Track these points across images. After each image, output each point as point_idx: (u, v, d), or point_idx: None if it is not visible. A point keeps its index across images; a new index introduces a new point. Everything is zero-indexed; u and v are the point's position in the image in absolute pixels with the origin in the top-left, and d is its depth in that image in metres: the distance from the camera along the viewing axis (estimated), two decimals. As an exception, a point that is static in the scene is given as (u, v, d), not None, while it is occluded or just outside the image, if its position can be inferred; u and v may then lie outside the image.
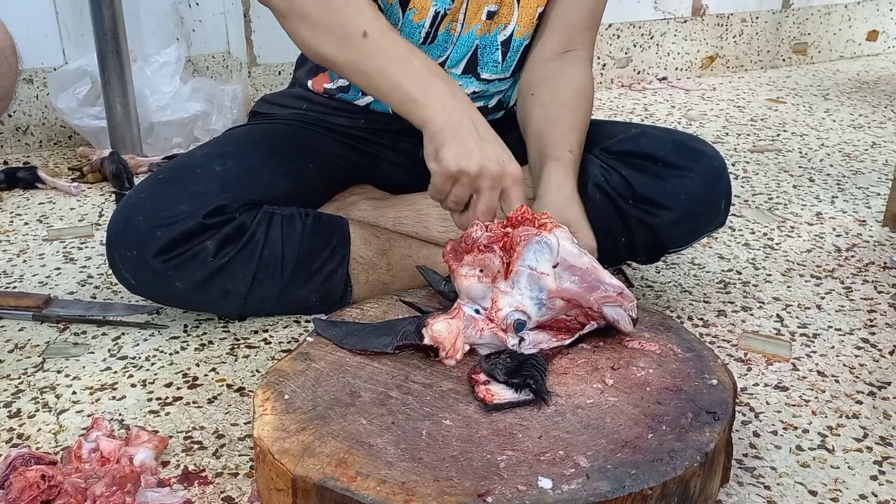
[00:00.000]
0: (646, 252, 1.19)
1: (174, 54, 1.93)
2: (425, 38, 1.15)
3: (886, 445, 0.96)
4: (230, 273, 1.10)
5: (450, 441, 0.77)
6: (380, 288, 1.18)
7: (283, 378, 0.87)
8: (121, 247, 1.08)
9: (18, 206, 1.66)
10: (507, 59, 1.20)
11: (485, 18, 1.15)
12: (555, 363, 0.89)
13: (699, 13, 2.66)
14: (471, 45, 1.17)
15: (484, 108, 1.23)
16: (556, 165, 1.05)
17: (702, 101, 2.44)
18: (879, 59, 2.96)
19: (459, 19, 1.14)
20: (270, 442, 0.76)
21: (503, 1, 1.15)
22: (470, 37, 1.16)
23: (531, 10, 1.17)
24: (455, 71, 1.19)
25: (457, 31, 1.15)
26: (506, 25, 1.17)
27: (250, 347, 1.15)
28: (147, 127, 1.90)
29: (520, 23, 1.17)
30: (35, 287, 1.32)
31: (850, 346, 1.16)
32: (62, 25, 1.92)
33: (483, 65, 1.19)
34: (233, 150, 1.18)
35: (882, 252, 1.46)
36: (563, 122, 1.10)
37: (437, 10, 1.12)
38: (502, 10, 1.16)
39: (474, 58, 1.18)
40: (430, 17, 1.13)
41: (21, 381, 1.07)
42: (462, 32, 1.15)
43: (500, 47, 1.18)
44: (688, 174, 1.13)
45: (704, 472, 0.76)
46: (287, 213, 1.15)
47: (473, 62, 1.19)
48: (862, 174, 1.84)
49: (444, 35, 1.15)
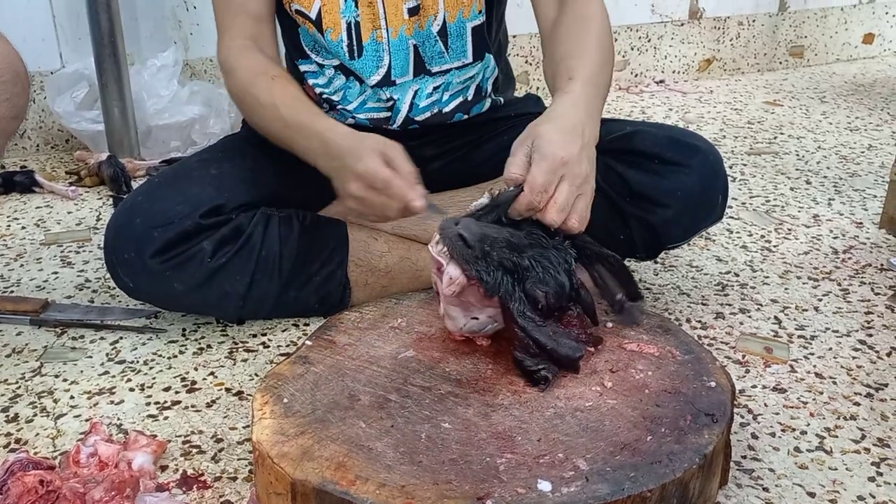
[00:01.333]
0: (644, 248, 1.19)
1: (172, 58, 1.93)
2: (351, 52, 1.15)
3: (884, 447, 0.96)
4: (228, 274, 1.10)
5: (449, 444, 0.77)
6: (378, 290, 1.18)
7: (281, 382, 0.87)
8: (119, 249, 1.08)
9: (16, 210, 1.66)
10: (453, 46, 1.17)
11: (407, 17, 1.14)
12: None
13: (696, 16, 2.66)
14: (406, 47, 1.16)
15: (464, 101, 1.22)
16: (556, 98, 1.01)
17: (699, 103, 2.44)
18: (875, 62, 2.97)
19: (382, 25, 1.14)
20: (269, 446, 0.76)
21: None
22: (401, 40, 1.15)
23: None
24: (406, 78, 1.17)
25: (384, 37, 1.14)
26: (436, 16, 1.15)
27: (249, 351, 1.15)
28: (144, 130, 1.90)
29: (448, 7, 1.15)
30: (33, 291, 1.32)
31: (847, 347, 1.17)
32: (59, 29, 1.92)
33: (429, 60, 1.17)
34: (229, 155, 1.19)
35: (879, 254, 1.46)
36: (562, 58, 1.06)
37: (348, 20, 1.13)
38: (426, 3, 1.14)
39: (418, 57, 1.17)
40: (345, 29, 1.13)
41: (19, 385, 1.07)
42: (391, 37, 1.14)
43: (438, 38, 1.16)
44: (684, 170, 1.13)
45: (703, 474, 0.76)
46: (285, 214, 1.15)
47: (420, 62, 1.17)
48: (858, 176, 1.85)
49: (373, 45, 1.14)
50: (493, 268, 0.85)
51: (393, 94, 1.17)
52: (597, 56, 1.05)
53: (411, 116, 1.19)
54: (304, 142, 1.06)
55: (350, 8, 1.13)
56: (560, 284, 0.87)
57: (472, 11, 1.16)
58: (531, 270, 0.86)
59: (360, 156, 0.98)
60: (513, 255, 0.86)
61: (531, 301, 0.85)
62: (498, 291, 0.85)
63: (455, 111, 1.21)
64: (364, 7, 1.13)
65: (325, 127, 1.05)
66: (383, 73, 1.16)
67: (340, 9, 1.13)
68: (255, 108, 1.11)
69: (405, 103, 1.18)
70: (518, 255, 0.86)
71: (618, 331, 0.96)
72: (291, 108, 1.08)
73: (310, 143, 1.05)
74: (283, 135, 1.09)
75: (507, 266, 0.85)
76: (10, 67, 0.96)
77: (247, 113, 1.16)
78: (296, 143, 1.08)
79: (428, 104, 1.19)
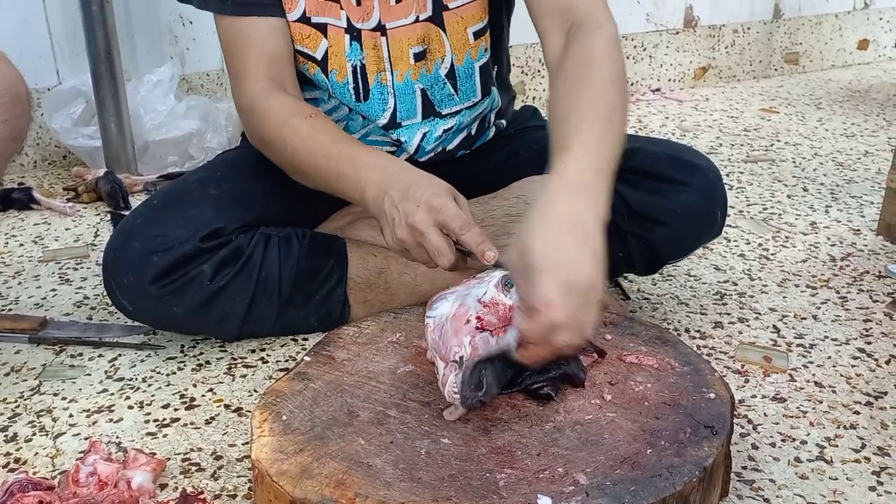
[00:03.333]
0: (643, 265, 1.19)
1: (168, 73, 1.93)
2: (357, 95, 1.14)
3: (884, 455, 0.96)
4: (228, 296, 1.10)
5: (448, 460, 0.77)
6: (378, 307, 1.18)
7: (280, 398, 0.86)
8: (117, 273, 1.08)
9: (13, 228, 1.66)
10: (462, 87, 1.18)
11: (413, 62, 1.13)
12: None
13: (691, 24, 2.67)
14: (412, 91, 1.15)
15: (468, 136, 1.23)
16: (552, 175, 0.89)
17: (695, 111, 2.45)
18: (870, 68, 2.97)
19: (386, 68, 1.13)
20: (269, 464, 0.76)
21: (428, 38, 1.13)
22: (407, 84, 1.15)
23: (461, 34, 1.14)
24: (415, 120, 1.17)
25: (388, 80, 1.14)
26: (443, 58, 1.15)
27: (248, 367, 1.15)
28: (142, 146, 1.90)
29: (455, 51, 1.14)
30: (31, 309, 1.32)
31: (846, 356, 1.17)
32: (56, 46, 1.93)
33: (439, 103, 1.17)
34: (227, 174, 1.19)
35: (877, 261, 1.46)
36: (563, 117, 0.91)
37: (353, 63, 1.13)
38: (432, 47, 1.13)
39: (427, 101, 1.17)
40: (350, 72, 1.13)
41: (17, 404, 1.07)
42: (396, 80, 1.14)
43: (447, 81, 1.16)
44: (683, 188, 1.13)
45: (703, 486, 0.76)
46: (284, 234, 1.15)
47: (429, 105, 1.17)
48: (855, 183, 1.85)
49: (378, 87, 1.14)
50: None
51: (401, 136, 1.18)
52: (600, 113, 0.90)
53: (416, 158, 1.20)
54: (354, 174, 0.99)
55: (356, 51, 1.12)
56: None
57: (479, 51, 1.17)
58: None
59: (436, 191, 0.91)
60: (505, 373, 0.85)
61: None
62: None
63: (458, 149, 1.23)
64: (369, 50, 1.12)
65: (384, 157, 1.00)
66: (389, 115, 1.16)
67: (346, 52, 1.12)
68: (292, 143, 1.05)
69: (413, 145, 1.18)
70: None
71: (617, 342, 0.96)
72: (337, 140, 1.03)
73: (365, 175, 0.97)
74: (327, 167, 1.02)
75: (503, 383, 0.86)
76: (12, 89, 0.96)
77: (280, 153, 1.09)
78: (344, 176, 1.00)
79: (434, 147, 1.20)
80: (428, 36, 1.13)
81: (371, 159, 1.00)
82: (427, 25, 1.13)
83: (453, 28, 1.13)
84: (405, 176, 0.95)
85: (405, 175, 0.96)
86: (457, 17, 1.13)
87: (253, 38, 1.09)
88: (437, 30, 1.13)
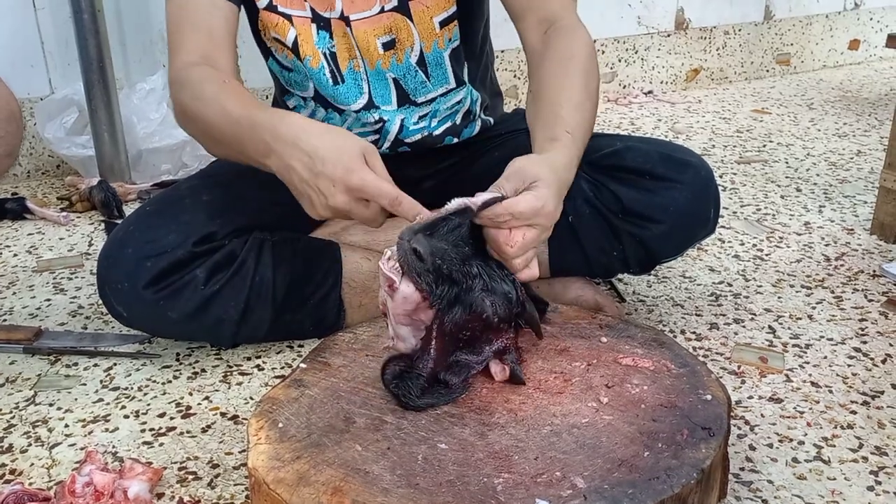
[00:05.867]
0: (638, 264, 1.19)
1: (161, 81, 1.93)
2: (334, 79, 1.15)
3: (882, 455, 0.96)
4: (222, 300, 1.10)
5: (446, 465, 0.77)
6: (373, 311, 1.18)
7: (276, 406, 0.86)
8: (111, 280, 1.08)
9: (7, 238, 1.65)
10: (433, 74, 1.18)
11: (382, 51, 1.14)
12: (549, 382, 0.89)
13: (682, 27, 2.68)
14: (385, 79, 1.16)
15: (453, 125, 1.23)
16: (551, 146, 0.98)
17: (688, 113, 2.46)
18: (861, 68, 2.99)
19: (357, 55, 1.14)
20: (265, 472, 0.76)
21: (396, 27, 1.13)
22: (378, 72, 1.15)
23: (426, 22, 1.13)
24: (390, 108, 1.18)
25: (360, 67, 1.15)
26: (412, 47, 1.15)
27: (243, 374, 1.14)
28: (135, 154, 1.90)
29: (423, 38, 1.15)
30: (26, 319, 1.32)
31: (842, 355, 1.17)
32: (48, 55, 1.92)
33: (412, 91, 1.18)
34: (219, 180, 1.19)
35: (871, 260, 1.47)
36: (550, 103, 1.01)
37: (323, 51, 1.13)
38: (400, 36, 1.14)
39: (400, 89, 1.17)
40: (323, 59, 1.14)
41: (13, 415, 1.06)
42: (368, 68, 1.15)
43: (418, 69, 1.17)
44: (676, 186, 1.13)
45: (701, 488, 0.76)
46: (278, 238, 1.15)
47: (402, 93, 1.17)
48: (848, 182, 1.86)
49: (351, 73, 1.15)
50: (442, 281, 0.85)
51: (382, 115, 1.17)
52: (580, 100, 1.01)
53: (401, 138, 1.19)
54: (253, 140, 0.94)
55: (324, 39, 1.13)
56: (506, 294, 0.87)
57: (446, 40, 1.17)
58: (479, 279, 0.86)
59: (347, 165, 0.88)
60: (463, 267, 0.86)
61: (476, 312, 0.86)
62: (441, 304, 0.85)
63: (445, 135, 1.22)
64: (339, 38, 1.13)
65: (278, 116, 0.93)
66: (365, 100, 1.16)
67: (314, 40, 1.13)
68: (203, 111, 1.00)
69: (395, 124, 1.18)
70: (467, 264, 0.86)
71: (613, 345, 0.96)
72: (243, 104, 0.97)
73: (262, 140, 0.93)
74: (231, 134, 0.97)
75: (456, 278, 0.85)
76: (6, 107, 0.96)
77: (193, 123, 1.04)
78: (245, 142, 0.95)
79: (417, 128, 1.19)
80: (395, 26, 1.13)
81: (265, 119, 0.94)
82: (393, 15, 1.13)
83: (420, 17, 1.13)
84: (302, 142, 0.90)
85: (301, 140, 0.90)
86: (422, 6, 1.13)
87: (193, 14, 1.07)
88: (403, 19, 1.13)
